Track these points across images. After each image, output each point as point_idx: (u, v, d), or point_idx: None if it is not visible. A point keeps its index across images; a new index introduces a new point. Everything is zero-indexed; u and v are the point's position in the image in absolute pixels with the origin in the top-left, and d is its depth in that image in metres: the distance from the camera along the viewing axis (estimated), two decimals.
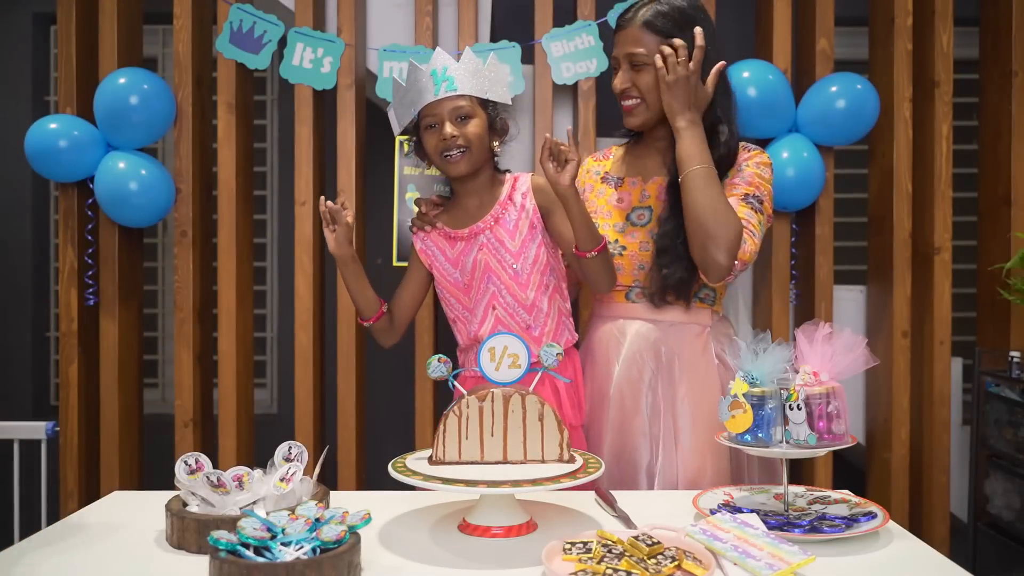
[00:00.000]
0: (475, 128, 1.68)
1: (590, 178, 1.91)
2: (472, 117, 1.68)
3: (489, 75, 1.70)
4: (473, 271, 1.73)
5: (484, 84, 1.69)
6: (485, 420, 1.34)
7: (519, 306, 1.71)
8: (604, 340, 1.80)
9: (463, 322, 1.78)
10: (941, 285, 2.54)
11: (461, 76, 1.66)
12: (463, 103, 1.67)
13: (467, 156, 1.69)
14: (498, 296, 1.72)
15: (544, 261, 1.71)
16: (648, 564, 1.10)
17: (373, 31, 2.63)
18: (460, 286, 1.75)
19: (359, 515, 1.16)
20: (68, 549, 1.28)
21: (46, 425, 2.48)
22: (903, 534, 1.33)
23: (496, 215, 1.72)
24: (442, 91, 1.66)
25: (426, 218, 1.81)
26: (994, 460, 2.51)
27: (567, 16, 2.57)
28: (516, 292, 1.71)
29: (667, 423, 1.71)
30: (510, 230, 1.71)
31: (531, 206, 1.71)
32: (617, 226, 1.80)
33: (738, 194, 1.72)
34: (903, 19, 2.51)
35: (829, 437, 1.33)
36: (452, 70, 1.66)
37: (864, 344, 1.38)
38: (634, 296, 1.77)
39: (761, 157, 1.78)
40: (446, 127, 1.67)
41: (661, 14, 1.72)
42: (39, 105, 3.55)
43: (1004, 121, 2.62)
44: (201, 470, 1.35)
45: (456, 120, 1.67)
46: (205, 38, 2.61)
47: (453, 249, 1.76)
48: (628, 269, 1.76)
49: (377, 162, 2.80)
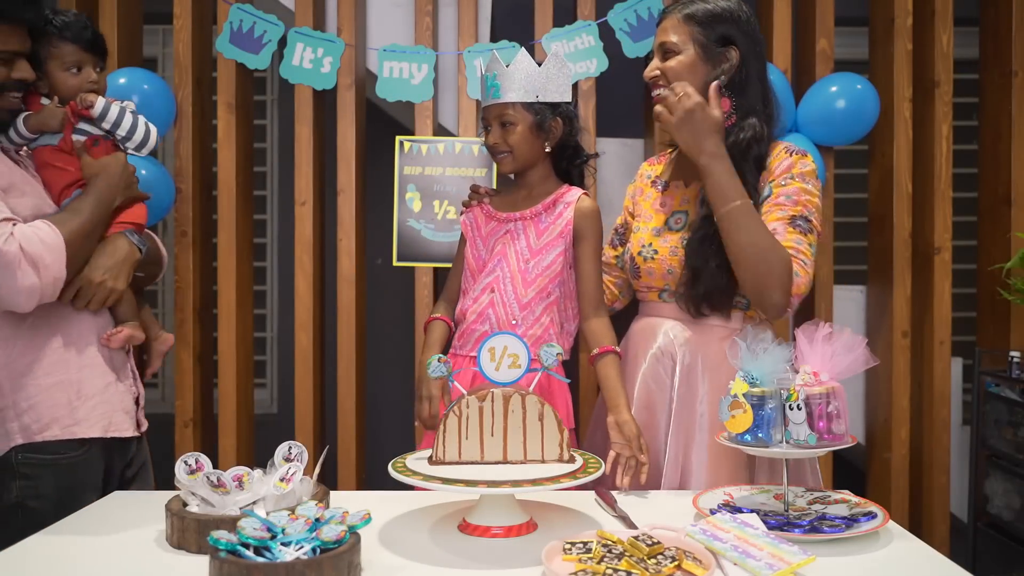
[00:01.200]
0: (517, 135, 1.74)
1: (643, 182, 1.90)
2: (515, 124, 1.73)
3: (545, 75, 1.73)
4: (493, 251, 1.78)
5: (536, 87, 1.72)
6: (485, 420, 1.34)
7: (515, 300, 1.73)
8: (636, 337, 1.81)
9: (464, 294, 1.83)
10: (941, 285, 2.54)
11: (508, 84, 1.71)
12: (508, 110, 1.72)
13: (511, 158, 1.76)
14: (500, 282, 1.75)
15: (557, 271, 1.73)
16: (648, 564, 1.10)
17: (373, 31, 2.63)
18: (480, 262, 1.80)
19: (359, 515, 1.16)
20: (68, 549, 1.28)
21: None
22: (903, 534, 1.33)
23: (535, 212, 1.77)
24: (489, 97, 1.74)
25: (476, 195, 1.88)
26: (994, 460, 2.51)
27: (567, 16, 2.57)
28: (517, 286, 1.73)
29: (688, 424, 1.69)
30: (539, 229, 1.75)
31: (567, 219, 1.75)
32: (655, 230, 1.77)
33: (784, 217, 1.62)
34: (903, 19, 2.51)
35: (829, 437, 1.33)
36: (500, 76, 1.71)
37: (864, 344, 1.37)
38: (666, 296, 1.76)
39: (804, 164, 1.66)
40: (492, 132, 1.76)
41: (699, 4, 1.67)
42: None
43: (1004, 121, 2.62)
44: (201, 470, 1.35)
45: (501, 126, 1.74)
46: (205, 38, 2.61)
47: (487, 227, 1.82)
48: (658, 273, 1.74)
49: (377, 162, 2.80)
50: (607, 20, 2.45)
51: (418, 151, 2.49)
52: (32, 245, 1.50)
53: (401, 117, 2.87)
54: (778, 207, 1.63)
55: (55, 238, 1.54)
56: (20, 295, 1.51)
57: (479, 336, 1.74)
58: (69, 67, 1.69)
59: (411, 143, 2.49)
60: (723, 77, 1.66)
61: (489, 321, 1.74)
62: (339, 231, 2.56)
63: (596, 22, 2.48)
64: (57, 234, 1.54)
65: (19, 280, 1.49)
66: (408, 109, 2.59)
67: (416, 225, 2.50)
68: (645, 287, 1.79)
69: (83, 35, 1.69)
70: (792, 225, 1.61)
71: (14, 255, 1.48)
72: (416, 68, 2.49)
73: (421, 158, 2.49)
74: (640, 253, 1.76)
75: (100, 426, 1.65)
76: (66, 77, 1.69)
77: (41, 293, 1.53)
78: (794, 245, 1.60)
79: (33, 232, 1.52)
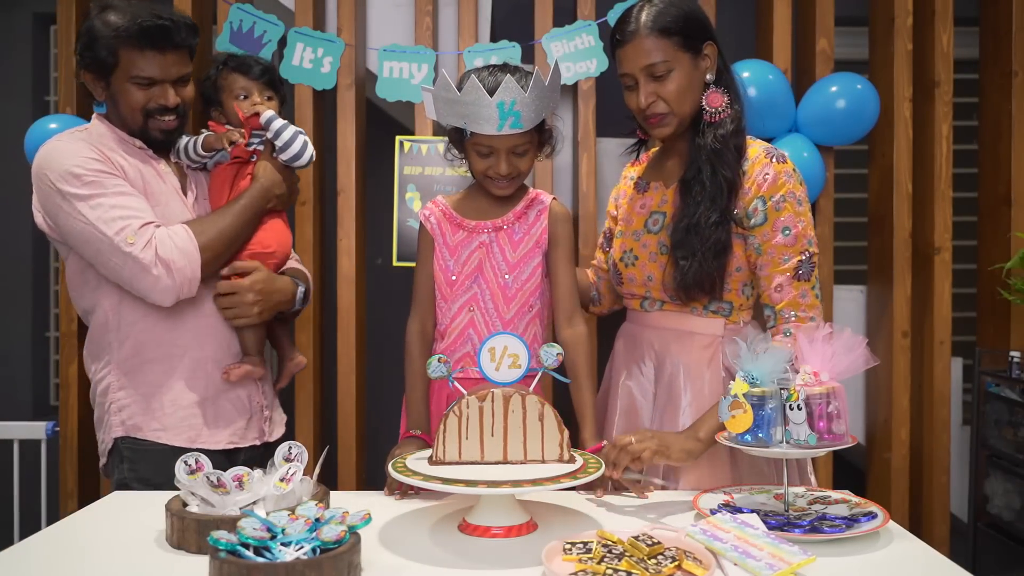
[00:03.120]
0: (529, 160, 1.64)
1: (625, 184, 1.86)
2: (528, 151, 1.63)
3: (552, 88, 1.60)
4: (465, 265, 1.67)
5: (547, 103, 1.60)
6: (485, 420, 1.34)
7: (497, 318, 1.65)
8: (620, 345, 1.81)
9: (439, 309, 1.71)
10: (941, 285, 2.54)
11: (528, 112, 1.55)
12: (523, 139, 1.59)
13: (514, 183, 1.66)
14: (479, 300, 1.66)
15: (537, 283, 1.66)
16: (648, 564, 1.10)
17: (373, 31, 2.63)
18: (448, 273, 1.68)
19: (359, 515, 1.16)
20: (68, 549, 1.28)
21: (46, 425, 2.48)
22: (903, 534, 1.33)
23: (506, 221, 1.67)
24: (506, 128, 1.54)
25: None
26: (994, 460, 2.51)
27: (567, 16, 2.57)
28: (499, 304, 1.65)
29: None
30: (514, 241, 1.66)
31: (541, 227, 1.67)
32: (636, 233, 1.74)
33: (788, 269, 1.58)
34: (903, 19, 2.51)
35: (829, 437, 1.33)
36: (520, 104, 1.53)
37: (864, 344, 1.37)
38: (647, 305, 1.73)
39: (788, 176, 1.60)
40: (501, 164, 1.60)
41: (663, 13, 1.59)
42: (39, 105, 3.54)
43: (1004, 121, 2.62)
44: (201, 470, 1.35)
45: (512, 155, 1.61)
46: (205, 38, 2.61)
47: (453, 236, 1.69)
48: (639, 280, 1.71)
49: (377, 162, 2.80)
50: (607, 20, 2.44)
51: (418, 151, 2.49)
52: (166, 250, 1.65)
53: (401, 117, 2.87)
54: (780, 254, 1.59)
55: (190, 244, 1.68)
56: (154, 294, 1.67)
57: (460, 357, 1.66)
58: (237, 95, 1.86)
59: (411, 143, 2.49)
60: (710, 75, 1.63)
61: (471, 341, 1.65)
62: (339, 231, 2.55)
63: (596, 22, 2.48)
64: (193, 240, 1.68)
65: (153, 282, 1.65)
66: (408, 109, 2.59)
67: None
68: (628, 294, 1.77)
69: (251, 69, 1.88)
70: (797, 277, 1.59)
71: (148, 260, 1.64)
72: (416, 68, 2.49)
73: (421, 158, 2.49)
74: (622, 259, 1.74)
75: (185, 437, 1.74)
76: (235, 103, 1.85)
77: (176, 292, 1.68)
78: (800, 300, 1.58)
79: (169, 237, 1.67)
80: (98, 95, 1.79)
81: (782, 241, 1.59)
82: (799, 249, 1.59)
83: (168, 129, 1.80)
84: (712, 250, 1.59)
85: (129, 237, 1.63)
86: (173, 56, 1.75)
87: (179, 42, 1.75)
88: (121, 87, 1.75)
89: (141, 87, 1.74)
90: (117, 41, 1.72)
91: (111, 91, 1.77)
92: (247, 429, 1.82)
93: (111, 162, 1.71)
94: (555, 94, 1.63)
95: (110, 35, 1.72)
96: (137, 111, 1.76)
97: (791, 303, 1.58)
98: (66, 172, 1.66)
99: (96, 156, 1.70)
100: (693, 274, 1.60)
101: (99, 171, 1.68)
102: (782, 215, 1.59)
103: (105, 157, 1.71)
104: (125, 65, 1.73)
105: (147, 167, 1.79)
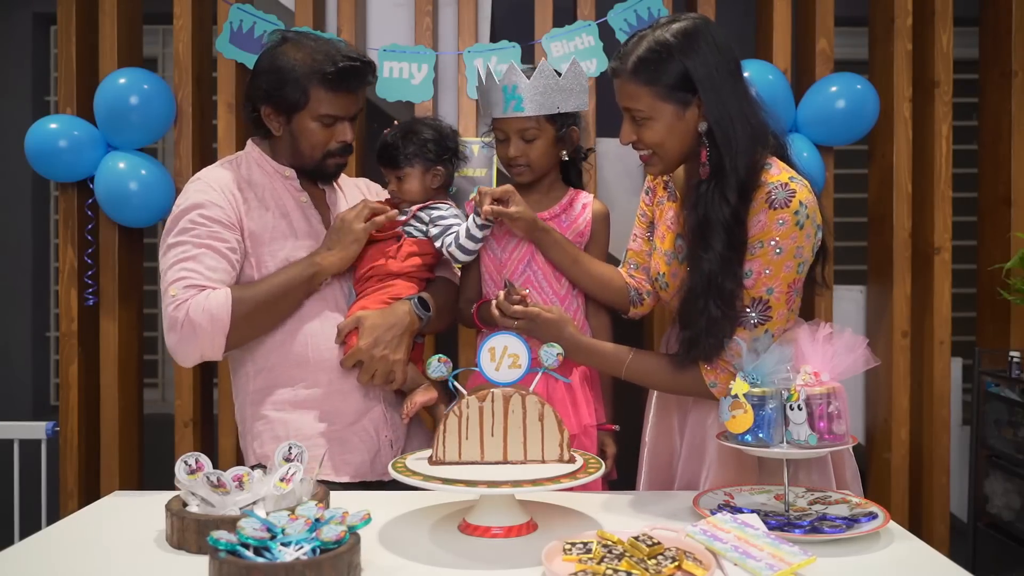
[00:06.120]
0: (539, 148, 1.73)
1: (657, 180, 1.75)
2: (537, 138, 1.72)
3: (565, 87, 1.70)
4: (511, 253, 1.77)
5: (557, 99, 1.69)
6: (485, 420, 1.34)
7: (553, 295, 1.76)
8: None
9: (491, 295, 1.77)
10: (941, 285, 2.53)
11: (530, 96, 1.67)
12: (529, 124, 1.70)
13: (530, 171, 1.76)
14: (533, 281, 1.76)
15: None
16: (648, 564, 1.10)
17: (373, 31, 2.62)
18: (496, 263, 1.79)
19: (359, 515, 1.16)
20: (68, 549, 1.28)
21: (46, 425, 2.47)
22: (903, 534, 1.33)
23: (553, 214, 1.78)
24: (510, 110, 1.69)
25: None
26: (994, 460, 2.51)
27: (567, 16, 2.57)
28: (552, 282, 1.76)
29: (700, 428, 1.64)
30: (562, 228, 1.77)
31: (586, 220, 1.78)
32: (667, 256, 1.65)
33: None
34: (903, 19, 2.51)
35: (830, 437, 1.33)
36: (522, 89, 1.67)
37: (865, 344, 1.38)
38: None
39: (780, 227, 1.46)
40: (511, 146, 1.72)
41: (647, 60, 1.47)
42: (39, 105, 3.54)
43: (1004, 121, 2.62)
44: (201, 470, 1.35)
45: (521, 139, 1.71)
46: (205, 38, 2.61)
47: (501, 226, 1.76)
48: (672, 305, 1.67)
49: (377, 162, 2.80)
50: (607, 20, 2.44)
51: None
52: (197, 313, 1.62)
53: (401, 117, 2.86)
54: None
55: (223, 310, 1.63)
56: (175, 352, 1.67)
57: None
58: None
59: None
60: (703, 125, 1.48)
61: None
62: None
63: (596, 22, 2.48)
64: (227, 307, 1.63)
65: (175, 340, 1.65)
66: (408, 109, 2.59)
67: None
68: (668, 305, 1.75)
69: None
70: (740, 324, 1.50)
71: (178, 320, 1.63)
72: (416, 68, 2.49)
73: None
74: (657, 280, 1.71)
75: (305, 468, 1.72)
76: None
77: (200, 355, 1.67)
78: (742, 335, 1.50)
79: (206, 301, 1.63)
80: (275, 130, 1.76)
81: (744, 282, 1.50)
82: (752, 295, 1.50)
83: (343, 164, 1.82)
84: (717, 322, 1.49)
85: (172, 290, 1.63)
86: (360, 95, 1.76)
87: (368, 81, 1.75)
88: (305, 125, 1.72)
89: (326, 126, 1.72)
90: (308, 80, 1.68)
91: (291, 127, 1.74)
92: (372, 464, 1.76)
93: (238, 201, 1.70)
94: (572, 92, 1.71)
95: (303, 75, 1.68)
96: (319, 148, 1.74)
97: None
98: (181, 210, 1.68)
99: (222, 203, 1.68)
100: (692, 352, 1.53)
101: (207, 218, 1.66)
102: (754, 259, 1.49)
103: (235, 199, 1.70)
104: (314, 104, 1.70)
105: (288, 196, 1.77)
